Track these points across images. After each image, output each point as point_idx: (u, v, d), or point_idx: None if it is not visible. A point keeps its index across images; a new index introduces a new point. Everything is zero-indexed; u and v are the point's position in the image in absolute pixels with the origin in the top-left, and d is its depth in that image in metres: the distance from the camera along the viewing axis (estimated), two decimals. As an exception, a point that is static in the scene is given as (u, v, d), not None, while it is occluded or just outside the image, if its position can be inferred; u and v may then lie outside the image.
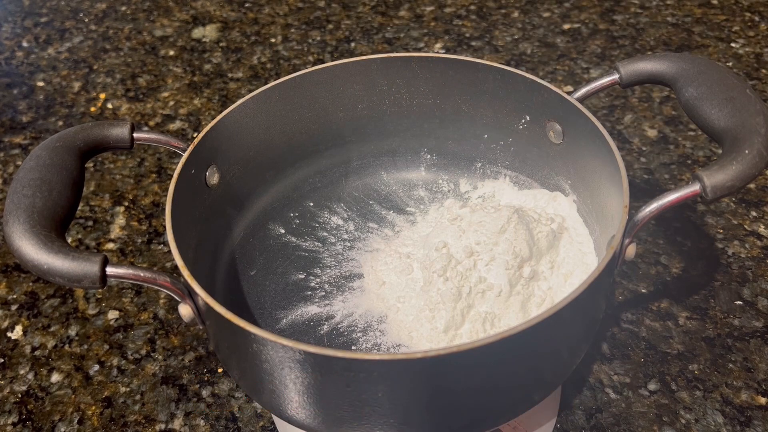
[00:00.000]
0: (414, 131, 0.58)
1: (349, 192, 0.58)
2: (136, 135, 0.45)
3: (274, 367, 0.36)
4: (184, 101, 0.83)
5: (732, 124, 0.40)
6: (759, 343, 0.53)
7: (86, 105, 0.83)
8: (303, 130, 0.55)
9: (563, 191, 0.53)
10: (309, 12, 0.98)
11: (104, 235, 0.66)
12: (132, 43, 0.94)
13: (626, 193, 0.40)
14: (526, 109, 0.52)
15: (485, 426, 0.41)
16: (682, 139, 0.72)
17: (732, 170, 0.37)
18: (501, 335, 0.33)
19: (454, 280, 0.46)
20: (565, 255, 0.49)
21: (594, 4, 0.95)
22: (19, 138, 0.79)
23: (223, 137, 0.49)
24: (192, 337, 0.57)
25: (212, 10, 1.00)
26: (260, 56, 0.90)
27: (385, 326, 0.48)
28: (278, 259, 0.53)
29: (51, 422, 0.52)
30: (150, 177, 0.73)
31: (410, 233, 0.54)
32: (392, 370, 0.34)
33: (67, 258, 0.36)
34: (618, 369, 0.52)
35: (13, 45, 0.96)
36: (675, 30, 0.88)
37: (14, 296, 0.62)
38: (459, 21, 0.93)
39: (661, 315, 0.56)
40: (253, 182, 0.54)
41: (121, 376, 0.54)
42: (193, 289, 0.37)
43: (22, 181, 0.39)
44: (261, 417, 0.51)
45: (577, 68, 0.83)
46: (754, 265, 0.59)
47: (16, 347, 0.57)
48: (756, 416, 0.49)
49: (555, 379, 0.42)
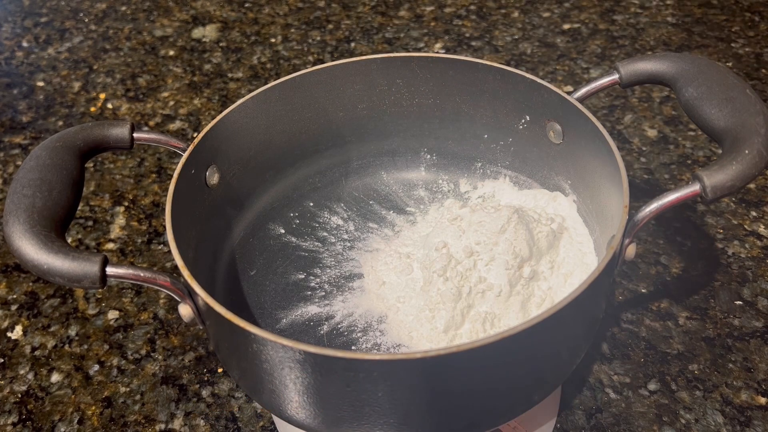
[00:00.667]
0: (414, 131, 0.58)
1: (349, 192, 0.58)
2: (136, 135, 0.45)
3: (274, 367, 0.36)
4: (184, 101, 0.83)
5: (732, 124, 0.40)
6: (759, 343, 0.53)
7: (86, 105, 0.83)
8: (303, 130, 0.55)
9: (563, 191, 0.53)
10: (309, 12, 0.98)
11: (104, 235, 0.66)
12: (132, 43, 0.94)
13: (626, 193, 0.40)
14: (526, 109, 0.52)
15: (485, 426, 0.41)
16: (682, 139, 0.72)
17: (732, 170, 0.37)
18: (501, 335, 0.33)
19: (454, 280, 0.46)
20: (565, 255, 0.49)
21: (594, 4, 0.95)
22: (19, 138, 0.79)
23: (223, 137, 0.49)
24: (192, 337, 0.57)
25: (212, 10, 1.00)
26: (260, 56, 0.90)
27: (385, 326, 0.48)
28: (278, 259, 0.53)
29: (51, 422, 0.52)
30: (150, 177, 0.73)
31: (410, 233, 0.54)
32: (392, 370, 0.34)
33: (67, 258, 0.36)
34: (618, 369, 0.52)
35: (13, 45, 0.96)
36: (675, 30, 0.88)
37: (14, 296, 0.62)
38: (459, 21, 0.93)
39: (661, 315, 0.56)
40: (253, 182, 0.54)
41: (121, 376, 0.54)
42: (193, 289, 0.37)
43: (22, 181, 0.39)
44: (261, 417, 0.51)
45: (577, 68, 0.83)
46: (754, 265, 0.59)
47: (16, 347, 0.57)
48: (756, 416, 0.49)
49: (555, 379, 0.42)
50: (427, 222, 0.55)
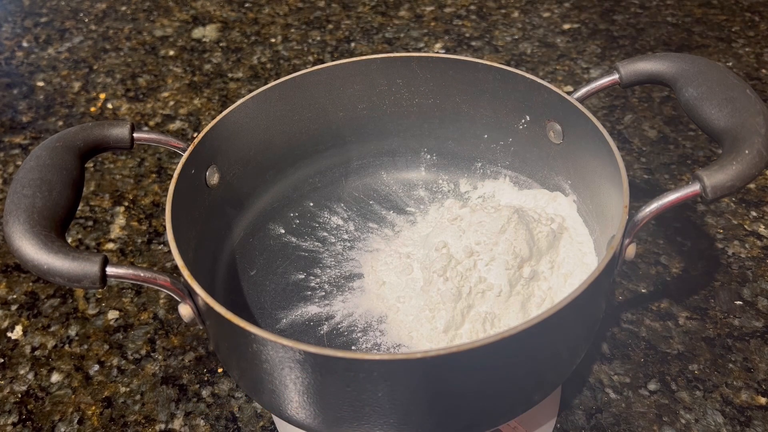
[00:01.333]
0: (414, 131, 0.58)
1: (349, 192, 0.58)
2: (136, 135, 0.45)
3: (274, 367, 0.36)
4: (184, 101, 0.83)
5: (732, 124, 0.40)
6: (759, 343, 0.53)
7: (86, 105, 0.83)
8: (303, 130, 0.55)
9: (563, 191, 0.53)
10: (309, 12, 0.98)
11: (104, 235, 0.66)
12: (132, 43, 0.94)
13: (626, 193, 0.40)
14: (526, 109, 0.52)
15: (485, 426, 0.41)
16: (682, 139, 0.72)
17: (732, 170, 0.37)
18: (501, 335, 0.33)
19: (454, 280, 0.46)
20: (565, 255, 0.49)
21: (594, 4, 0.95)
22: (19, 138, 0.79)
23: (223, 137, 0.49)
24: (192, 337, 0.57)
25: (212, 10, 1.00)
26: (260, 56, 0.90)
27: (385, 326, 0.48)
28: (278, 259, 0.53)
29: (51, 422, 0.52)
30: (150, 177, 0.73)
31: (410, 233, 0.54)
32: (392, 370, 0.34)
33: (67, 258, 0.36)
34: (618, 369, 0.52)
35: (13, 45, 0.96)
36: (675, 30, 0.88)
37: (14, 296, 0.62)
38: (459, 21, 0.93)
39: (661, 315, 0.56)
40: (253, 182, 0.54)
41: (121, 376, 0.54)
42: (193, 289, 0.37)
43: (22, 181, 0.39)
44: (261, 417, 0.51)
45: (577, 68, 0.83)
46: (754, 265, 0.59)
47: (16, 347, 0.57)
48: (756, 416, 0.49)
49: (555, 379, 0.42)
50: (427, 222, 0.55)
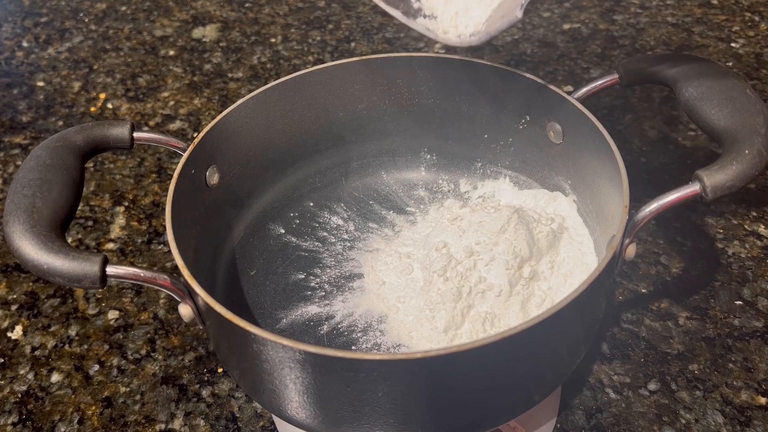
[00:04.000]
0: (414, 131, 0.58)
1: (349, 192, 0.58)
2: (136, 135, 0.45)
3: (274, 367, 0.36)
4: (184, 101, 0.83)
5: (732, 124, 0.40)
6: (759, 343, 0.53)
7: (86, 105, 0.83)
8: (303, 130, 0.55)
9: (563, 191, 0.53)
10: (309, 12, 0.98)
11: (104, 235, 0.66)
12: (132, 43, 0.94)
13: (626, 193, 0.40)
14: (526, 109, 0.52)
15: (485, 426, 0.41)
16: (682, 139, 0.72)
17: (732, 170, 0.37)
18: (501, 335, 0.33)
19: (454, 280, 0.46)
20: (565, 255, 0.49)
21: (594, 4, 0.95)
22: (19, 138, 0.79)
23: (223, 137, 0.49)
24: (192, 337, 0.57)
25: (212, 10, 1.00)
26: (260, 56, 0.90)
27: (385, 326, 0.48)
28: (278, 259, 0.53)
29: (51, 422, 0.52)
30: (150, 177, 0.73)
31: (410, 233, 0.54)
32: (392, 370, 0.34)
33: (67, 258, 0.36)
34: (618, 369, 0.52)
35: (13, 45, 0.96)
36: (675, 30, 0.88)
37: (14, 296, 0.62)
38: (459, 21, 0.93)
39: (661, 315, 0.56)
40: (253, 182, 0.54)
41: (121, 376, 0.54)
42: (193, 289, 0.37)
43: (22, 181, 0.39)
44: (261, 417, 0.51)
45: (577, 68, 0.83)
46: (754, 265, 0.59)
47: (16, 347, 0.57)
48: (756, 416, 0.49)
49: (555, 379, 0.42)
50: (427, 222, 0.55)
